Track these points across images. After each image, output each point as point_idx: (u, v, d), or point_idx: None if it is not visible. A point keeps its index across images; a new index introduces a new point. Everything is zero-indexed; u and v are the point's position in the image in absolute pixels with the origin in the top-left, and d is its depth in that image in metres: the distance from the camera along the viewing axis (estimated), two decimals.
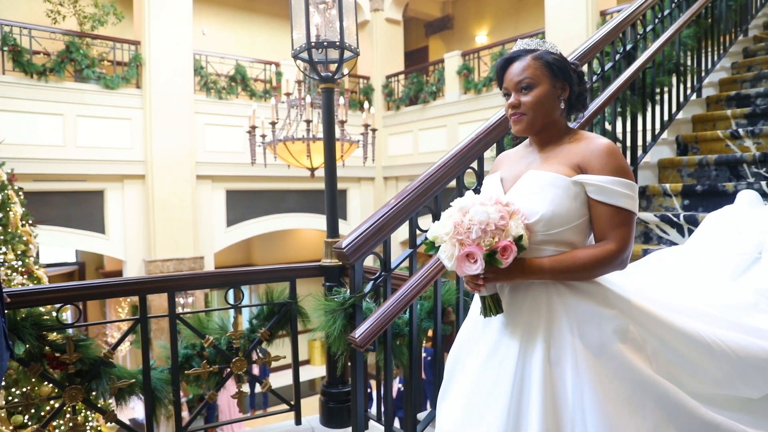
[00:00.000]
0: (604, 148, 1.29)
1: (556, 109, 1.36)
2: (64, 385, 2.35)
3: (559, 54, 1.37)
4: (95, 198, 8.10)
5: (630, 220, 1.28)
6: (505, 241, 1.18)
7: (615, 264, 1.28)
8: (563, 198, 1.27)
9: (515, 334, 1.31)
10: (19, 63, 7.32)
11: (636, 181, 3.12)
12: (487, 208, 1.19)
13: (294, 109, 5.47)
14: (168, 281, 2.46)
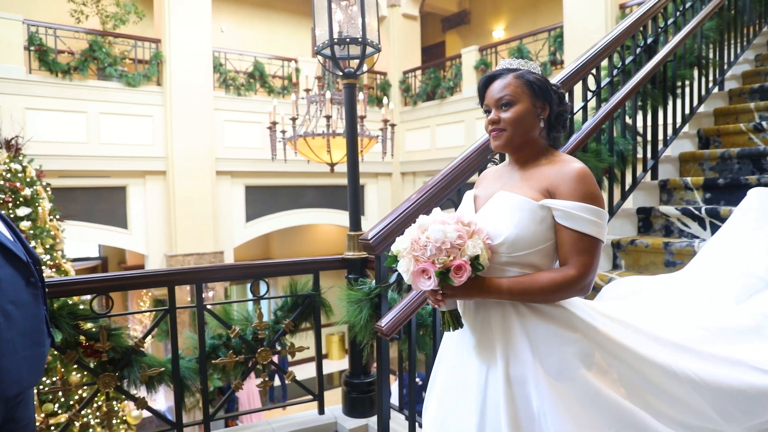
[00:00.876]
0: (575, 173, 1.29)
1: (535, 128, 1.37)
2: (98, 373, 2.43)
3: (541, 74, 1.39)
4: (118, 194, 8.25)
5: (594, 246, 1.28)
6: (459, 260, 1.19)
7: (574, 290, 1.27)
8: (529, 221, 1.28)
9: (476, 352, 1.34)
10: (45, 62, 7.48)
11: (656, 176, 3.13)
12: (446, 227, 1.21)
13: (314, 105, 5.53)
14: (196, 273, 2.53)
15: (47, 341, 1.84)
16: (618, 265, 2.82)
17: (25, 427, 1.83)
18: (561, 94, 1.41)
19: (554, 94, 1.39)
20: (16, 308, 1.69)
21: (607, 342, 1.30)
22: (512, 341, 1.29)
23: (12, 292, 1.68)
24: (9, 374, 1.65)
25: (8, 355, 1.65)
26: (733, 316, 1.57)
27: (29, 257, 1.80)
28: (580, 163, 1.32)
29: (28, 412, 1.85)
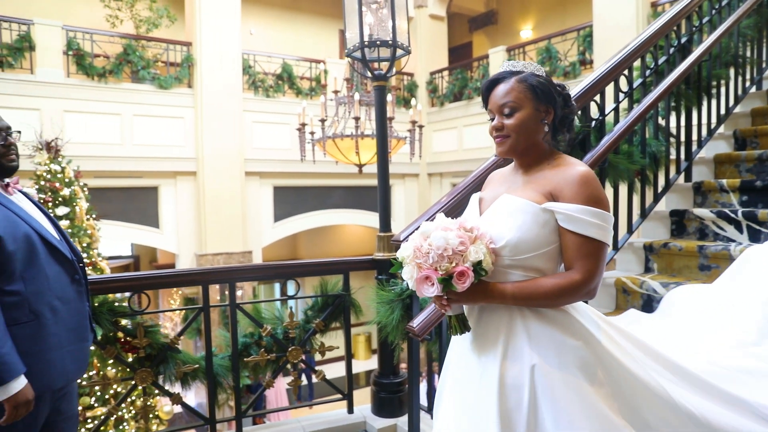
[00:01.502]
0: (578, 176, 1.27)
1: (539, 132, 1.35)
2: (135, 368, 2.50)
3: (545, 76, 1.36)
4: (150, 194, 8.44)
5: (599, 250, 1.26)
6: (462, 266, 1.20)
7: (579, 294, 1.26)
8: (531, 224, 1.27)
9: (478, 356, 1.34)
10: (82, 66, 7.71)
11: (690, 178, 3.08)
12: (447, 233, 1.21)
13: (342, 107, 5.58)
14: (229, 272, 2.59)
15: (90, 336, 1.92)
16: (650, 268, 2.79)
17: (69, 419, 1.91)
18: (566, 95, 1.39)
19: (559, 97, 1.37)
20: (63, 304, 1.76)
21: (606, 357, 1.28)
22: (515, 346, 1.28)
23: (59, 289, 1.76)
24: (56, 367, 1.72)
25: (55, 349, 1.73)
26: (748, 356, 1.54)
27: (74, 255, 1.87)
28: (584, 166, 1.31)
29: (72, 405, 1.92)
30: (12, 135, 1.77)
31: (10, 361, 1.55)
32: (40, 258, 1.71)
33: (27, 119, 6.75)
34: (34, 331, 1.68)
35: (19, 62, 7.34)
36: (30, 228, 1.71)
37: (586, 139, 2.49)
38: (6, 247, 1.62)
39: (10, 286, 1.63)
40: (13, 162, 1.76)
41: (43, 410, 1.74)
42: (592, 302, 2.64)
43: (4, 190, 1.75)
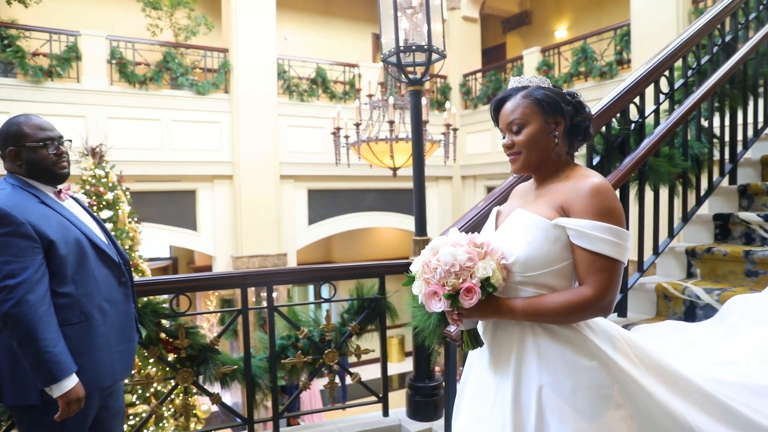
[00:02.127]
0: (589, 189, 1.23)
1: (551, 145, 1.32)
2: (176, 368, 2.57)
3: (551, 87, 1.34)
4: (188, 197, 8.65)
5: (612, 266, 1.21)
6: (469, 282, 1.19)
7: (591, 310, 1.22)
8: (542, 241, 1.24)
9: (493, 372, 1.32)
10: (124, 74, 7.96)
11: (734, 180, 2.99)
12: (456, 249, 1.20)
13: (376, 110, 5.61)
14: (267, 275, 2.63)
15: (136, 337, 1.98)
16: (693, 273, 2.71)
17: (116, 415, 1.98)
18: (576, 103, 1.35)
19: (568, 106, 1.33)
20: (111, 306, 1.83)
21: (623, 377, 1.23)
22: (525, 364, 1.26)
23: (107, 291, 1.83)
24: (104, 366, 1.79)
25: (104, 349, 1.79)
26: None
27: (120, 258, 1.94)
28: (597, 177, 1.26)
29: (119, 402, 1.99)
30: (64, 144, 1.84)
31: (63, 360, 1.62)
32: (89, 262, 1.78)
33: (73, 126, 7.02)
34: (84, 332, 1.74)
35: (66, 72, 7.63)
36: (80, 233, 1.78)
37: (625, 142, 2.45)
38: (59, 251, 1.69)
39: (62, 288, 1.70)
40: (65, 169, 1.83)
41: (93, 407, 1.81)
42: (631, 306, 2.59)
43: (56, 197, 1.83)
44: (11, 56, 7.25)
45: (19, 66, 7.28)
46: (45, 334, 1.59)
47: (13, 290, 1.58)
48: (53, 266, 1.68)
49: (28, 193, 1.74)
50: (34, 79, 7.33)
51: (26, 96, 7.32)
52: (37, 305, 1.60)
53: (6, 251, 1.60)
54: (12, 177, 1.78)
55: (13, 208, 1.64)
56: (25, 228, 1.63)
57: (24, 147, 1.75)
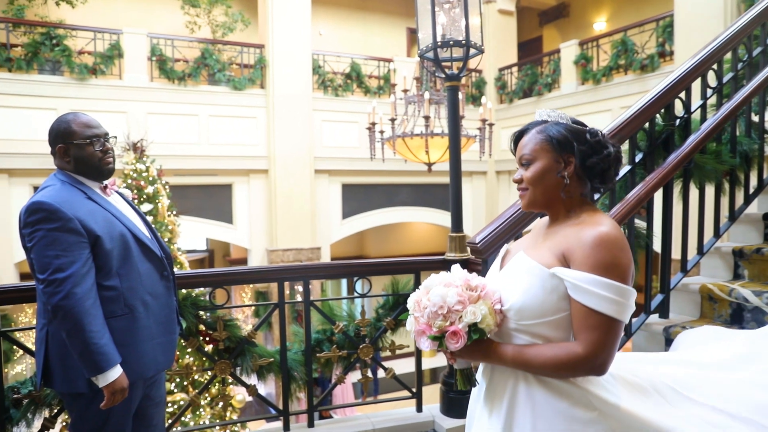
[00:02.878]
0: (592, 238, 1.14)
1: (559, 184, 1.25)
2: (215, 359, 2.63)
3: (568, 124, 1.27)
4: (224, 191, 8.81)
5: (607, 324, 1.12)
6: (455, 326, 1.16)
7: (581, 370, 1.14)
8: (538, 290, 1.18)
9: (488, 413, 1.28)
10: (164, 70, 8.15)
11: None
12: (447, 290, 1.18)
13: (411, 105, 5.59)
14: (305, 270, 2.66)
15: (177, 329, 2.03)
16: (740, 275, 2.62)
17: (158, 404, 2.04)
18: (594, 143, 1.25)
19: (582, 145, 1.24)
20: (153, 299, 1.88)
21: (633, 422, 1.15)
22: (517, 413, 1.21)
23: (150, 285, 1.87)
24: (147, 357, 1.84)
25: (147, 341, 1.84)
26: None
27: (162, 252, 1.98)
28: (606, 226, 1.17)
29: (161, 391, 2.05)
30: (109, 140, 1.89)
31: (108, 351, 1.67)
32: (133, 256, 1.83)
33: (116, 122, 7.24)
34: (128, 324, 1.79)
35: (109, 69, 7.86)
36: (125, 228, 1.83)
37: (670, 139, 2.38)
38: (104, 246, 1.74)
39: (108, 281, 1.75)
40: (110, 165, 1.88)
41: (136, 396, 1.87)
42: (674, 307, 2.52)
43: (102, 192, 1.88)
44: (59, 55, 7.51)
45: (66, 64, 7.54)
46: (91, 326, 1.65)
47: (61, 283, 1.63)
48: (99, 260, 1.74)
49: (76, 189, 1.79)
50: (80, 77, 7.58)
51: (72, 93, 7.57)
52: (84, 298, 1.65)
53: (56, 246, 1.65)
54: (61, 173, 1.84)
55: (63, 204, 1.69)
56: (74, 223, 1.68)
57: (72, 144, 1.81)
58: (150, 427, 2.00)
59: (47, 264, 1.65)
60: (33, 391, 2.27)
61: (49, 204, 1.67)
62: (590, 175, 1.26)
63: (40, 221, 1.66)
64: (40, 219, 1.66)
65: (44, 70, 7.72)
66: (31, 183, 7.52)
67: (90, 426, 1.80)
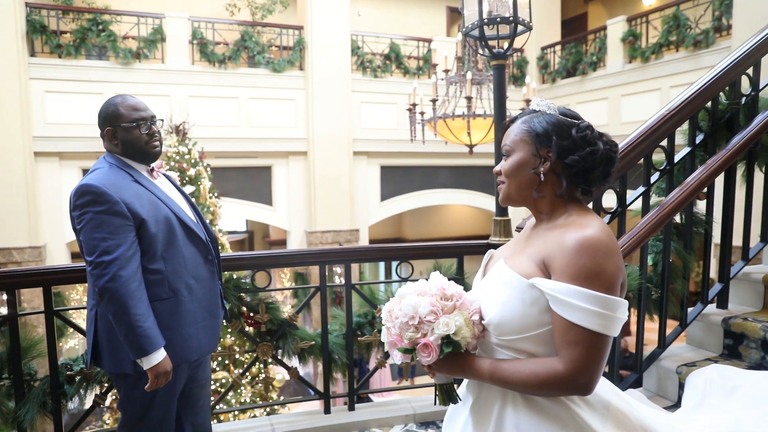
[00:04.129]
0: (573, 244, 1.02)
1: (534, 182, 1.13)
2: (257, 341, 2.65)
3: (554, 115, 1.13)
4: (264, 173, 8.90)
5: (590, 339, 1.00)
6: (427, 338, 1.08)
7: (563, 389, 1.03)
8: (517, 303, 1.06)
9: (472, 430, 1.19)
10: (205, 54, 8.24)
11: None
12: (420, 300, 1.09)
13: (453, 86, 5.47)
14: (346, 253, 2.64)
15: (221, 313, 2.04)
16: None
17: (203, 386, 2.06)
18: (579, 138, 1.10)
19: (564, 140, 1.10)
20: (197, 283, 1.88)
21: None
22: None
23: (194, 269, 1.88)
24: (191, 341, 1.85)
25: (191, 324, 1.85)
26: None
27: (208, 236, 1.98)
28: (593, 228, 1.04)
29: (206, 373, 2.07)
30: (156, 123, 1.89)
31: (152, 334, 1.68)
32: (178, 239, 1.82)
33: (159, 105, 7.36)
34: (172, 308, 1.80)
35: (152, 53, 8.00)
36: (170, 211, 1.83)
37: (734, 119, 2.23)
38: (149, 229, 1.74)
39: (153, 265, 1.76)
40: (157, 148, 1.87)
41: (181, 378, 1.88)
42: (733, 297, 2.39)
43: (149, 175, 1.89)
44: (105, 40, 7.68)
45: (112, 49, 7.70)
46: (136, 309, 1.65)
47: (108, 266, 1.64)
48: (144, 244, 1.74)
49: (123, 172, 1.80)
50: (125, 61, 7.73)
51: (117, 77, 7.74)
52: (129, 281, 1.66)
53: (102, 228, 1.67)
54: (110, 156, 1.85)
55: (110, 187, 1.69)
56: (120, 206, 1.68)
57: (119, 127, 1.81)
58: (196, 407, 2.03)
59: (95, 246, 1.66)
60: (84, 369, 2.33)
61: (97, 187, 1.68)
62: (571, 174, 1.12)
63: (88, 204, 1.68)
64: (88, 202, 1.68)
65: (91, 55, 7.92)
66: (81, 166, 7.75)
67: (136, 406, 1.83)
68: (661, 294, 2.14)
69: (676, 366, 2.12)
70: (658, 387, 2.22)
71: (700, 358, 2.17)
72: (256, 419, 2.70)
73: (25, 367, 2.26)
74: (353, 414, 2.72)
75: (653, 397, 2.18)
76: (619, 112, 8.74)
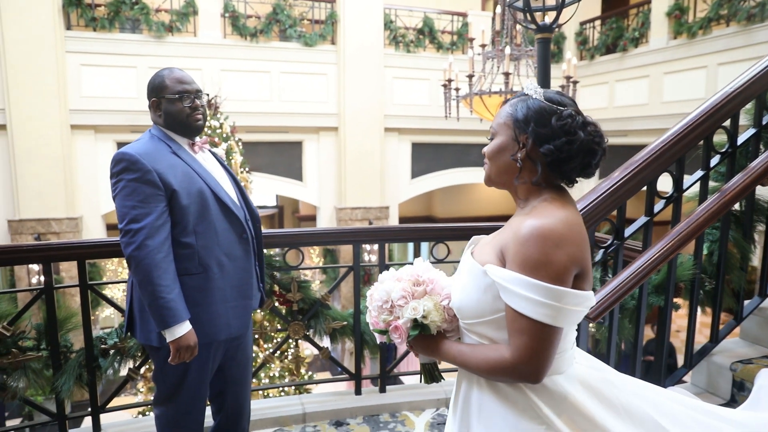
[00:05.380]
0: (525, 232, 1.02)
1: (512, 167, 1.12)
2: (288, 320, 2.62)
3: (536, 100, 1.10)
4: (294, 148, 8.86)
5: (534, 330, 1.01)
6: (398, 321, 1.16)
7: (512, 376, 1.05)
8: (473, 289, 1.10)
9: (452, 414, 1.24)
10: (236, 27, 8.16)
11: None
12: (395, 284, 1.18)
13: (489, 61, 5.29)
14: (381, 233, 2.58)
15: (257, 295, 2.00)
16: None
17: (242, 366, 2.05)
18: (558, 127, 1.07)
19: (543, 128, 1.07)
20: (230, 261, 1.85)
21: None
22: (470, 418, 1.16)
23: (226, 246, 1.84)
24: (220, 320, 1.83)
25: (220, 303, 1.82)
26: None
27: (250, 214, 1.95)
28: (551, 218, 1.03)
29: (246, 353, 2.06)
30: (201, 98, 1.86)
31: (175, 307, 1.66)
32: (211, 214, 1.79)
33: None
34: (201, 283, 1.78)
35: (185, 26, 7.96)
36: (205, 185, 1.80)
37: None
38: (180, 201, 1.72)
39: (184, 238, 1.74)
40: (198, 122, 1.85)
41: (213, 357, 1.86)
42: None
43: (189, 148, 1.86)
44: (138, 13, 7.67)
45: (145, 22, 7.70)
46: (160, 280, 1.64)
47: (135, 234, 1.65)
48: (176, 215, 1.73)
49: (162, 143, 1.79)
50: (158, 34, 7.73)
51: (150, 51, 7.75)
52: (155, 251, 1.65)
53: (133, 196, 1.67)
54: (154, 128, 1.85)
55: (144, 156, 1.70)
56: (152, 175, 1.68)
57: (163, 98, 1.80)
58: (236, 386, 2.03)
59: (125, 214, 1.68)
60: (118, 343, 2.34)
61: (131, 155, 1.69)
62: (546, 163, 1.09)
63: (122, 171, 1.69)
64: (122, 169, 1.69)
65: (125, 28, 7.93)
66: (115, 139, 7.84)
67: (168, 381, 1.83)
68: (716, 285, 2.01)
69: (730, 362, 2.00)
70: (708, 383, 2.11)
71: (757, 355, 2.05)
72: (286, 398, 2.70)
73: (62, 339, 2.28)
74: (384, 396, 2.69)
75: (702, 394, 2.08)
76: (661, 90, 8.39)
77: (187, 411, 1.86)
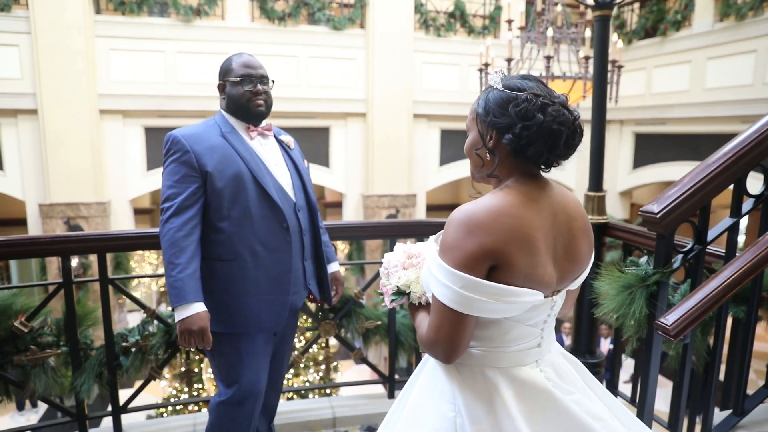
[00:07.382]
0: (451, 216, 1.04)
1: (478, 163, 1.12)
2: (320, 319, 2.47)
3: (496, 91, 1.06)
4: (321, 134, 8.71)
5: (441, 310, 1.03)
6: (387, 287, 1.25)
7: (428, 351, 1.10)
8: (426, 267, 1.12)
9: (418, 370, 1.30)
10: (264, 10, 8.00)
11: None
12: (395, 255, 1.28)
13: (528, 45, 5.02)
14: (417, 226, 2.41)
15: (301, 292, 1.86)
16: None
17: (280, 362, 1.98)
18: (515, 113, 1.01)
19: (502, 117, 1.03)
20: (266, 251, 1.74)
21: None
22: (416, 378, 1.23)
23: (263, 234, 1.73)
24: (250, 312, 1.72)
25: (252, 294, 1.71)
26: None
27: (308, 207, 1.87)
28: (477, 205, 1.01)
29: (287, 348, 2.00)
30: (266, 83, 1.84)
31: (183, 287, 1.61)
32: (248, 199, 1.71)
33: (219, 63, 7.21)
34: (232, 271, 1.71)
35: (213, 10, 7.83)
36: (246, 168, 1.72)
37: None
38: (214, 183, 1.69)
39: (219, 223, 1.70)
40: (260, 107, 1.80)
41: (261, 350, 1.79)
42: None
43: (246, 133, 1.80)
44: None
45: (173, 6, 7.59)
46: (175, 258, 1.61)
47: (165, 212, 1.67)
48: (211, 198, 1.70)
49: (215, 126, 1.77)
50: (185, 18, 7.62)
51: (178, 35, 7.65)
52: (176, 228, 1.63)
53: (172, 176, 1.68)
54: (219, 112, 1.83)
55: (187, 137, 1.69)
56: (189, 156, 1.67)
57: (228, 81, 1.79)
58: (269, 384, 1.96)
59: (163, 193, 1.69)
60: (139, 341, 2.22)
61: (174, 135, 1.70)
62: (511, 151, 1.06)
63: (167, 152, 1.71)
64: (167, 150, 1.71)
65: (153, 12, 7.84)
66: (143, 124, 7.80)
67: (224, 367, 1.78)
68: None
69: None
70: None
71: None
72: (314, 400, 2.57)
73: (81, 336, 2.16)
74: None
75: None
76: (704, 77, 7.97)
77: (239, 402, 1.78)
